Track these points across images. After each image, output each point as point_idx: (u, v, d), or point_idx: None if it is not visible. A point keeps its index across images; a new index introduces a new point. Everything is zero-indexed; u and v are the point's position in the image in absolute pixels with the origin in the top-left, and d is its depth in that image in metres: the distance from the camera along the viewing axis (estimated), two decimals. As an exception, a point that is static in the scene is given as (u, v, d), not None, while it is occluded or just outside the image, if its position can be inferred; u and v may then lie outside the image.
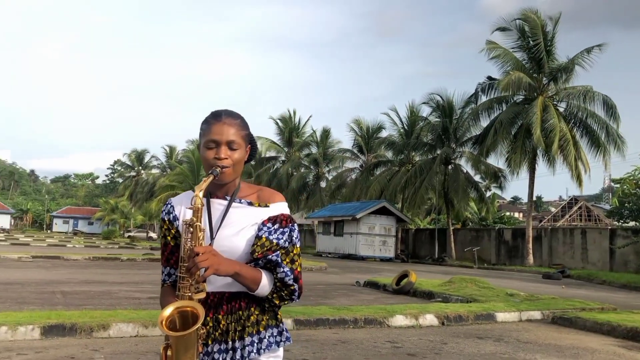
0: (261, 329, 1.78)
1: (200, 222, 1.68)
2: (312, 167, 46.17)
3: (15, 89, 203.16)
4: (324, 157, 44.99)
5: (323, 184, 45.61)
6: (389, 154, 39.36)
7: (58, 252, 23.20)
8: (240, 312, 1.77)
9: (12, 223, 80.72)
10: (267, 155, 49.15)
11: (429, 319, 8.46)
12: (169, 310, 1.61)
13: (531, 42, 27.88)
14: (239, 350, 1.74)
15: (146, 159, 71.60)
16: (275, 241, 1.78)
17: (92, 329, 6.46)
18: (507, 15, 28.36)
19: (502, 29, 28.46)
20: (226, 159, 1.77)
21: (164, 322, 1.59)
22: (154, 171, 68.89)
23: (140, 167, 72.14)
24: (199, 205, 1.68)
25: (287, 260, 1.79)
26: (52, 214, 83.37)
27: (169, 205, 1.89)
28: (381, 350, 6.47)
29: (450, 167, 33.74)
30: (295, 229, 1.85)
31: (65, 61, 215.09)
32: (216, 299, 1.76)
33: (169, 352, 1.64)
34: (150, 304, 8.94)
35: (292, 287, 1.78)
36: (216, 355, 1.73)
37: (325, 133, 45.57)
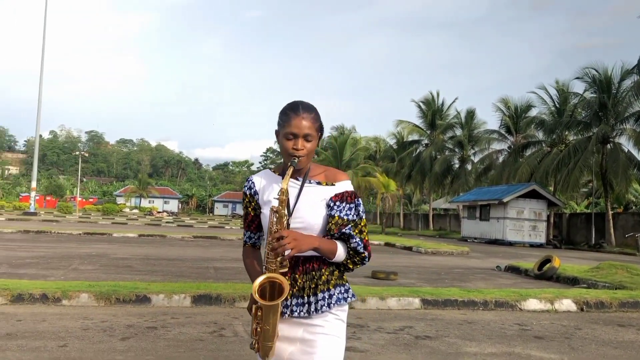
0: (331, 287, 2.07)
1: (285, 210, 1.99)
2: (456, 149, 45.13)
3: (180, 85, 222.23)
4: (468, 139, 43.75)
5: (468, 167, 44.40)
6: (540, 134, 37.19)
7: (216, 232, 25.30)
8: (313, 273, 2.06)
9: (180, 207, 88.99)
10: (410, 139, 48.88)
11: (566, 304, 8.12)
12: (260, 280, 1.94)
13: None
14: (312, 304, 2.04)
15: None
16: (345, 217, 2.06)
17: (234, 299, 7.17)
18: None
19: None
20: (302, 149, 2.05)
21: (256, 290, 1.92)
22: (303, 157, 71.60)
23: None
24: (284, 197, 1.98)
25: (356, 231, 2.07)
26: (213, 198, 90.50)
27: (250, 182, 2.22)
28: (507, 332, 6.41)
29: (608, 146, 31.05)
30: (360, 203, 2.12)
31: (222, 57, 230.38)
32: (293, 261, 2.06)
33: (259, 313, 1.97)
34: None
35: (363, 255, 2.08)
36: (294, 308, 2.04)
37: (470, 114, 44.23)
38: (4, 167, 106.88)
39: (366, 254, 2.08)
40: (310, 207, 2.06)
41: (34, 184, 40.93)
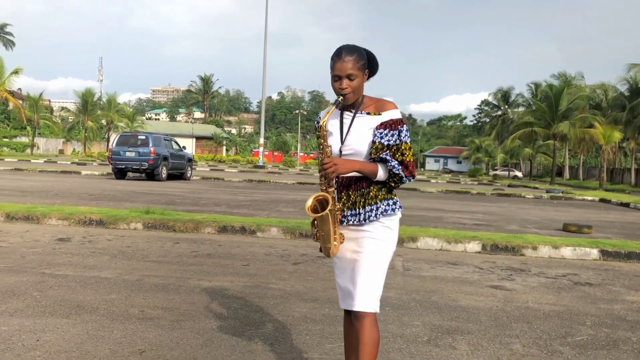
0: (378, 201, 2.48)
1: (327, 142, 2.43)
2: None
3: (398, 41, 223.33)
4: None
5: None
6: None
7: (418, 185, 25.89)
8: (363, 190, 2.49)
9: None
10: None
11: None
12: (310, 201, 2.46)
13: None
14: (362, 214, 2.47)
15: (512, 97, 71.09)
16: (386, 143, 2.43)
17: (403, 240, 7.68)
18: None
19: None
20: (347, 88, 2.44)
21: (309, 208, 2.45)
22: (520, 109, 67.89)
23: (506, 106, 72.07)
24: (324, 132, 2.44)
25: (398, 154, 2.43)
26: (425, 153, 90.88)
27: (319, 117, 2.63)
28: (688, 287, 5.90)
29: None
30: (403, 129, 2.45)
31: (436, 9, 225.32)
32: (347, 181, 2.51)
33: (316, 222, 2.50)
34: (472, 229, 9.74)
35: (400, 175, 2.43)
36: (349, 218, 2.50)
37: None
38: (241, 126, 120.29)
39: (402, 174, 2.42)
40: (359, 135, 2.46)
41: (261, 141, 45.72)
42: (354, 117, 2.50)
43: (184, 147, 22.88)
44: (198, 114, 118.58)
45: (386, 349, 3.49)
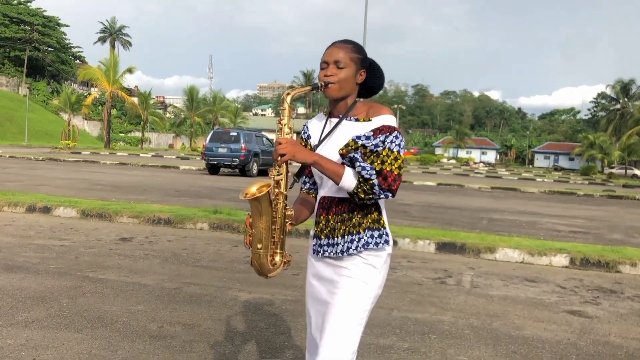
0: (361, 230, 1.99)
1: (288, 121, 1.98)
2: None
3: (505, 31, 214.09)
4: None
5: None
6: None
7: (520, 185, 24.35)
8: (345, 215, 2.01)
9: (497, 158, 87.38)
10: None
11: None
12: (253, 188, 1.95)
13: None
14: (340, 244, 2.00)
15: (633, 89, 65.62)
16: (359, 142, 1.94)
17: (479, 250, 7.00)
18: None
19: None
20: (332, 75, 2.00)
21: (247, 195, 1.94)
22: (640, 102, 62.50)
23: (625, 99, 66.65)
24: (286, 106, 1.99)
25: (378, 161, 1.90)
26: (533, 149, 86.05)
27: (305, 127, 2.21)
28: None
29: None
30: (391, 135, 1.93)
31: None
32: (328, 202, 2.05)
33: (250, 220, 1.98)
34: (566, 237, 8.81)
35: (372, 182, 1.89)
36: (325, 248, 2.04)
37: None
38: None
39: (374, 181, 1.88)
40: (338, 143, 2.00)
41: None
42: (338, 122, 2.04)
43: (276, 144, 23.02)
44: (302, 110, 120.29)
45: (412, 392, 2.98)
